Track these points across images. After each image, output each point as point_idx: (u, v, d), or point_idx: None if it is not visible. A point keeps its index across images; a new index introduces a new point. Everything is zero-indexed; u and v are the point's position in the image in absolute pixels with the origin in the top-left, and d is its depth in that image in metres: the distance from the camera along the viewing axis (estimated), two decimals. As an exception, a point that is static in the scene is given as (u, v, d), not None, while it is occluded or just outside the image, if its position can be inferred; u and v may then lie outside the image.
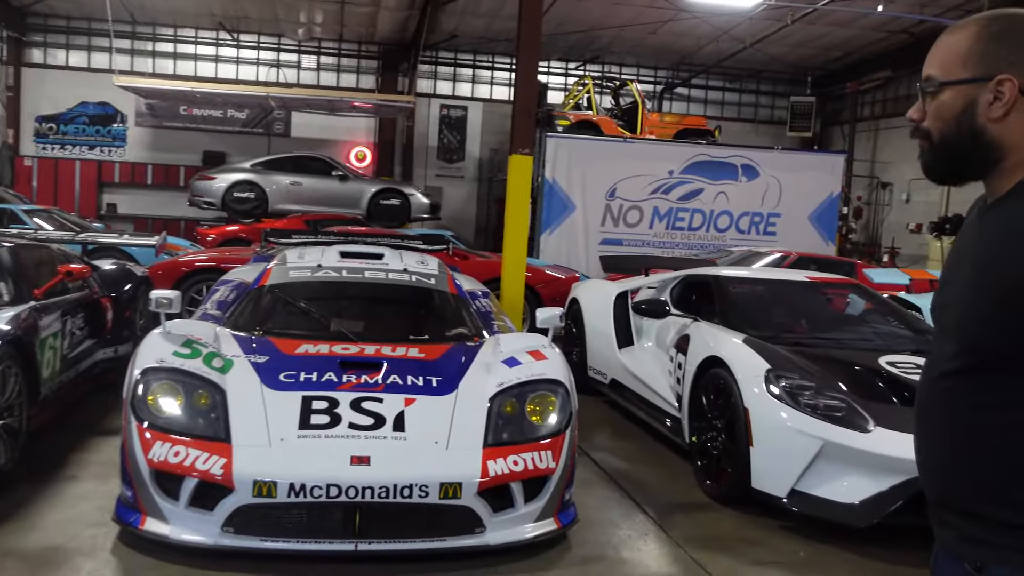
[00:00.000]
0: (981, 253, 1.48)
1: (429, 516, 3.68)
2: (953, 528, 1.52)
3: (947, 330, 1.55)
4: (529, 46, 8.30)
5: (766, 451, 4.39)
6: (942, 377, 1.53)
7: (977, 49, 1.49)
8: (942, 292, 1.62)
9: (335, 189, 15.95)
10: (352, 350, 4.40)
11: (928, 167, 1.60)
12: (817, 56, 21.30)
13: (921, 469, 1.64)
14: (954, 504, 1.52)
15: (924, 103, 1.56)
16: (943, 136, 1.53)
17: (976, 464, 1.48)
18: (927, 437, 1.60)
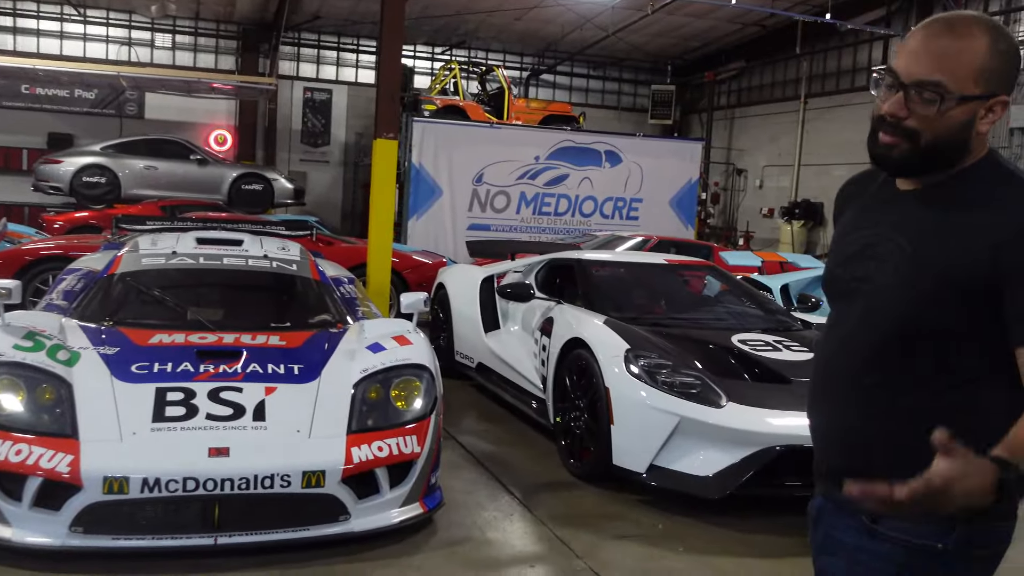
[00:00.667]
0: (921, 233, 1.58)
1: (292, 506, 3.61)
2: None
3: (876, 302, 1.62)
4: (392, 29, 8.21)
5: (626, 429, 4.53)
6: (862, 347, 1.63)
7: (990, 67, 1.53)
8: (852, 267, 1.68)
9: (193, 174, 15.37)
10: (210, 339, 4.26)
11: (900, 164, 1.62)
12: (676, 46, 21.98)
13: (821, 434, 1.74)
14: (861, 466, 1.60)
15: (910, 102, 1.56)
16: (937, 142, 1.56)
17: (892, 430, 1.61)
18: (837, 404, 1.68)
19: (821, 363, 1.79)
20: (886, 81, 1.60)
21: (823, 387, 1.75)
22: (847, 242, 1.73)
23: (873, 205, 1.72)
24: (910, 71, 1.55)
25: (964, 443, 1.53)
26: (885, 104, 1.58)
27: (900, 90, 1.56)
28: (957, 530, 1.57)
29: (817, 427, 1.77)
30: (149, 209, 13.06)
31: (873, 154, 1.65)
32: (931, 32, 1.56)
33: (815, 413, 1.78)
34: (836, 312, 1.76)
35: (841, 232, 1.79)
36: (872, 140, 1.64)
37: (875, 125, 1.62)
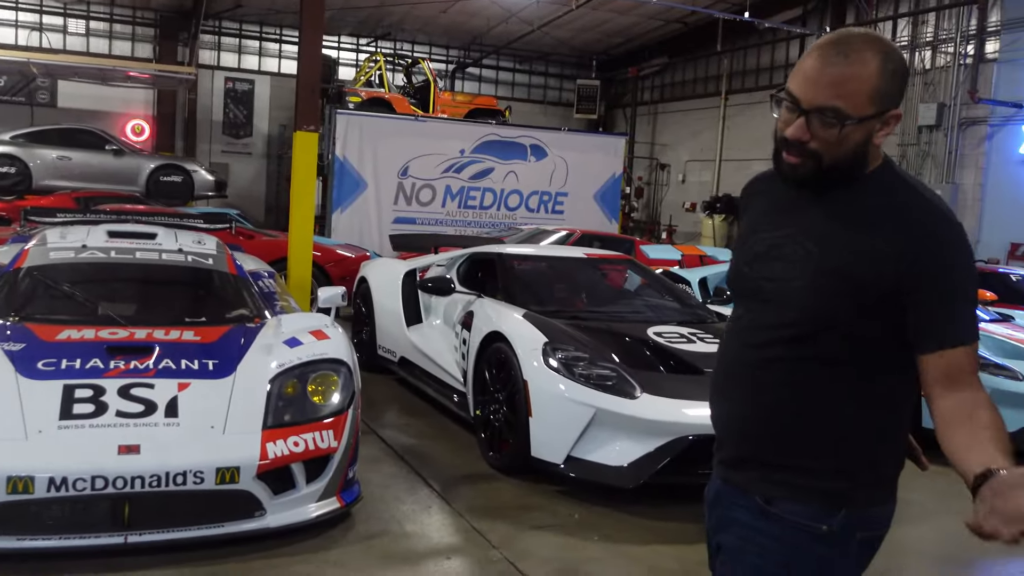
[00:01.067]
0: (826, 238, 1.67)
1: (206, 503, 3.58)
2: (754, 471, 1.76)
3: (782, 300, 1.71)
4: (312, 19, 8.11)
5: (544, 421, 4.59)
6: (771, 343, 1.72)
7: (882, 88, 1.62)
8: (759, 266, 1.77)
9: (109, 164, 14.90)
10: (121, 335, 4.18)
11: (805, 179, 1.70)
12: (601, 41, 22.19)
13: (722, 422, 1.85)
14: (759, 453, 1.76)
15: (811, 126, 1.64)
16: (837, 161, 1.65)
17: (787, 419, 1.72)
18: (738, 395, 1.79)
19: (725, 356, 1.88)
20: (786, 103, 1.67)
21: (725, 378, 1.85)
22: (754, 241, 1.81)
23: (780, 207, 1.79)
24: (809, 97, 1.62)
25: (854, 433, 1.69)
26: (788, 128, 1.66)
27: (801, 115, 1.64)
28: (841, 513, 1.69)
29: (719, 416, 1.87)
30: (62, 201, 12.64)
31: (779, 172, 1.74)
32: (825, 58, 1.62)
33: (717, 402, 1.87)
34: (741, 308, 1.85)
35: (748, 231, 1.87)
36: (777, 159, 1.73)
37: (779, 145, 1.71)
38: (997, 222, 14.63)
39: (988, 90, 14.86)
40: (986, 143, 15.01)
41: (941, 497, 5.24)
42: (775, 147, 1.73)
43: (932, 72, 15.84)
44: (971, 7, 14.96)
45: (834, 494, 1.70)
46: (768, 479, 1.74)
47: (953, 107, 15.23)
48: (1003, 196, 14.63)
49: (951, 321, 1.62)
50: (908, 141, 16.12)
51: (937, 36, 15.83)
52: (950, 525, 4.76)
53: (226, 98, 20.98)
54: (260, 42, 21.44)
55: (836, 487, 1.70)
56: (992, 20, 14.95)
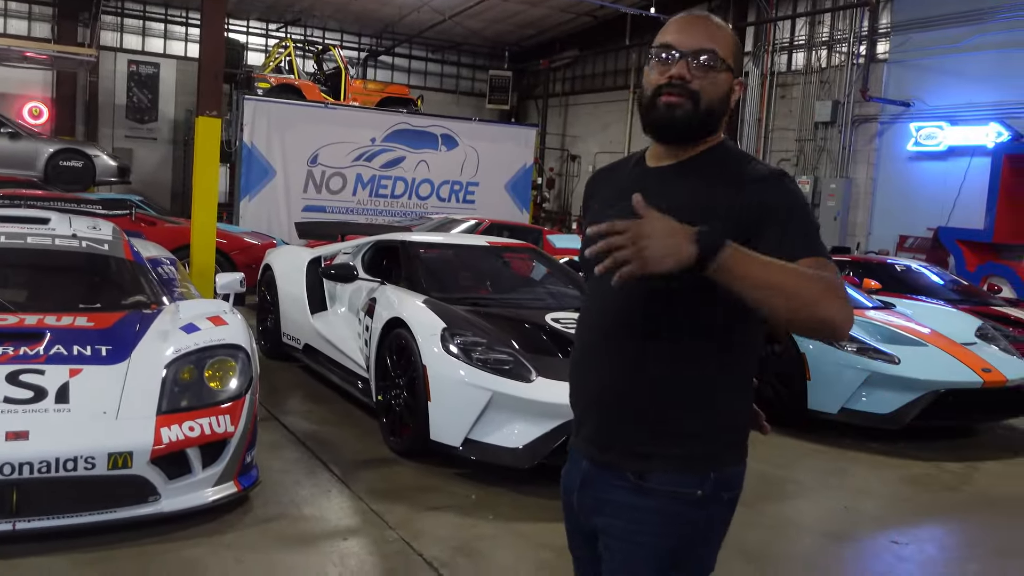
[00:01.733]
0: (674, 199, 1.71)
1: (98, 488, 3.57)
2: (622, 446, 1.79)
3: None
4: (214, 1, 8.01)
5: (442, 405, 4.69)
6: (625, 312, 1.77)
7: (737, 50, 1.84)
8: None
9: (4, 148, 14.32)
10: (10, 320, 4.12)
11: (680, 123, 1.78)
12: (513, 32, 22.34)
13: (585, 400, 1.88)
14: (630, 424, 1.79)
15: (691, 68, 1.76)
16: (711, 104, 1.78)
17: (657, 384, 1.76)
18: (599, 368, 1.82)
19: (582, 333, 1.91)
20: (658, 56, 1.80)
21: (583, 355, 1.89)
22: (602, 220, 1.81)
23: (626, 185, 1.81)
24: (688, 42, 1.78)
25: (716, 393, 1.78)
26: (672, 68, 1.77)
27: (681, 57, 1.77)
28: (711, 476, 1.77)
29: (580, 393, 1.90)
30: (-48, 185, 12.16)
31: (653, 120, 1.81)
32: (695, 18, 1.83)
33: (578, 380, 1.91)
34: (593, 286, 1.88)
35: (595, 214, 1.91)
36: (651, 108, 1.81)
37: (655, 93, 1.80)
38: (887, 215, 15.34)
39: (879, 89, 15.56)
40: (877, 140, 15.71)
41: (821, 475, 5.56)
42: (648, 99, 1.81)
43: (828, 71, 16.48)
44: (863, 9, 15.61)
45: (702, 457, 1.76)
46: (638, 453, 1.78)
47: (847, 105, 15.89)
48: (892, 191, 15.34)
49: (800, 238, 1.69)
50: (805, 136, 16.75)
51: (832, 36, 16.48)
52: (829, 501, 5.06)
53: (130, 81, 20.41)
54: (165, 24, 20.91)
55: (703, 451, 1.77)
56: (883, 22, 15.64)
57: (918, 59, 14.88)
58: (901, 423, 6.11)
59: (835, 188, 15.89)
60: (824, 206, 16.03)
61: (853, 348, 6.21)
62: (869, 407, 6.14)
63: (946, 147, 14.44)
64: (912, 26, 14.91)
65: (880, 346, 6.32)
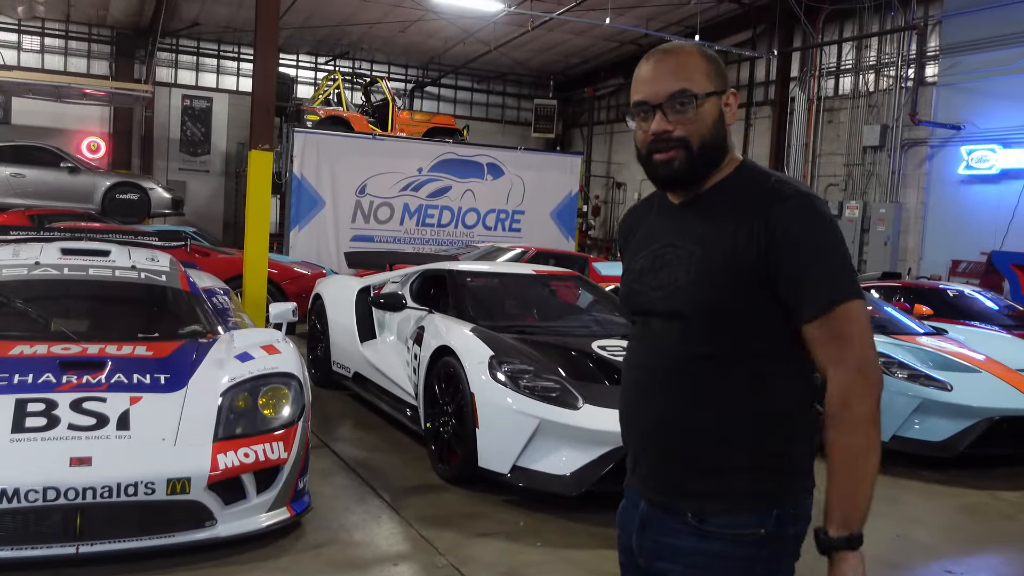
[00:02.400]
0: (704, 236, 1.72)
1: (157, 513, 3.67)
2: (680, 486, 1.74)
3: (674, 304, 1.74)
4: (266, 37, 8.23)
5: (490, 432, 4.74)
6: (675, 350, 1.74)
7: (712, 68, 1.76)
8: (647, 279, 1.80)
9: (64, 182, 14.82)
10: (73, 350, 4.26)
11: (682, 174, 1.75)
12: (558, 61, 22.52)
13: (642, 438, 1.82)
14: (687, 464, 1.74)
15: (669, 118, 1.71)
16: (704, 142, 1.72)
17: (712, 422, 1.71)
18: (656, 407, 1.77)
19: (632, 371, 1.86)
20: (638, 115, 1.76)
21: (635, 394, 1.84)
22: (637, 260, 1.86)
23: (655, 223, 1.87)
24: (656, 92, 1.72)
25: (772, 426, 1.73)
26: (651, 126, 1.73)
27: (654, 110, 1.73)
28: (774, 513, 1.71)
29: (634, 433, 1.85)
30: (16, 218, 12.57)
31: (656, 176, 1.79)
32: (654, 61, 1.76)
33: (631, 420, 1.86)
34: (639, 325, 1.86)
35: (631, 255, 1.92)
36: (650, 166, 1.78)
37: (647, 152, 1.77)
38: (938, 240, 15.11)
39: (928, 112, 15.40)
40: (927, 163, 15.51)
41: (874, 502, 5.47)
42: (643, 158, 1.78)
43: (876, 95, 16.35)
44: (911, 32, 15.49)
45: (763, 494, 1.71)
46: (696, 493, 1.73)
47: (895, 129, 15.73)
48: (944, 215, 15.12)
49: (827, 282, 1.65)
50: (853, 161, 16.60)
51: (880, 60, 16.36)
52: (881, 529, 4.98)
53: (183, 116, 20.96)
54: (218, 60, 21.46)
55: (765, 487, 1.71)
56: (931, 45, 15.50)
57: (968, 82, 14.70)
58: (955, 451, 6.01)
59: (885, 213, 15.71)
60: (874, 231, 15.85)
61: (904, 375, 6.13)
62: (921, 435, 6.05)
63: (998, 170, 14.21)
64: (961, 49, 14.76)
65: (932, 373, 6.23)
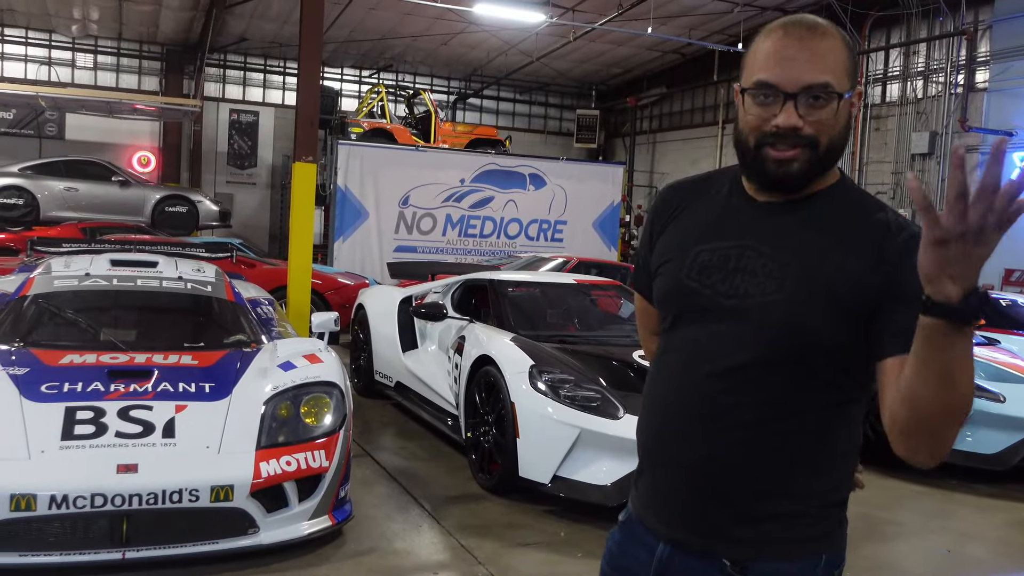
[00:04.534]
0: (803, 249, 1.50)
1: (201, 520, 3.72)
2: (720, 529, 1.53)
3: (753, 318, 1.50)
4: (310, 55, 8.35)
5: (531, 441, 4.73)
6: (739, 369, 1.50)
7: (853, 63, 1.53)
8: (712, 279, 1.56)
9: (115, 195, 15.15)
10: (121, 359, 4.34)
11: (800, 177, 1.51)
12: (600, 71, 22.51)
13: (677, 472, 1.57)
14: (734, 503, 1.52)
15: (799, 109, 1.47)
16: (833, 144, 1.50)
17: (774, 457, 1.50)
18: (704, 436, 1.53)
19: (667, 392, 1.61)
20: (756, 96, 1.50)
21: (676, 419, 1.58)
22: (697, 253, 1.59)
23: (726, 214, 1.61)
24: (792, 79, 1.47)
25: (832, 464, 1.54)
26: (779, 118, 1.48)
27: (786, 100, 1.47)
28: (823, 559, 1.55)
29: (664, 466, 1.60)
30: (68, 231, 12.87)
31: (763, 172, 1.53)
32: (796, 36, 1.49)
33: (666, 447, 1.60)
34: (685, 331, 1.60)
35: (677, 244, 1.65)
36: (756, 160, 1.53)
37: (759, 142, 1.51)
38: (991, 248, 14.76)
39: (979, 119, 15.09)
40: (978, 171, 15.19)
41: (923, 516, 5.37)
42: (751, 148, 1.53)
43: (924, 101, 16.08)
44: (961, 38, 15.21)
45: (817, 539, 1.54)
46: (737, 537, 1.52)
47: (945, 135, 15.44)
48: (997, 222, 14.77)
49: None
50: (902, 169, 16.33)
51: (928, 66, 16.08)
52: (931, 544, 4.88)
53: (231, 129, 21.32)
54: (264, 74, 21.80)
55: (815, 531, 1.54)
56: (981, 51, 15.21)
57: (1020, 87, 14.39)
58: (1008, 464, 5.86)
59: (934, 221, 15.39)
60: (923, 239, 15.54)
61: (955, 386, 5.99)
62: (974, 447, 5.92)
63: (1053, 176, 13.86)
64: (1012, 54, 14.44)
65: (984, 384, 6.09)
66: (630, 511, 1.72)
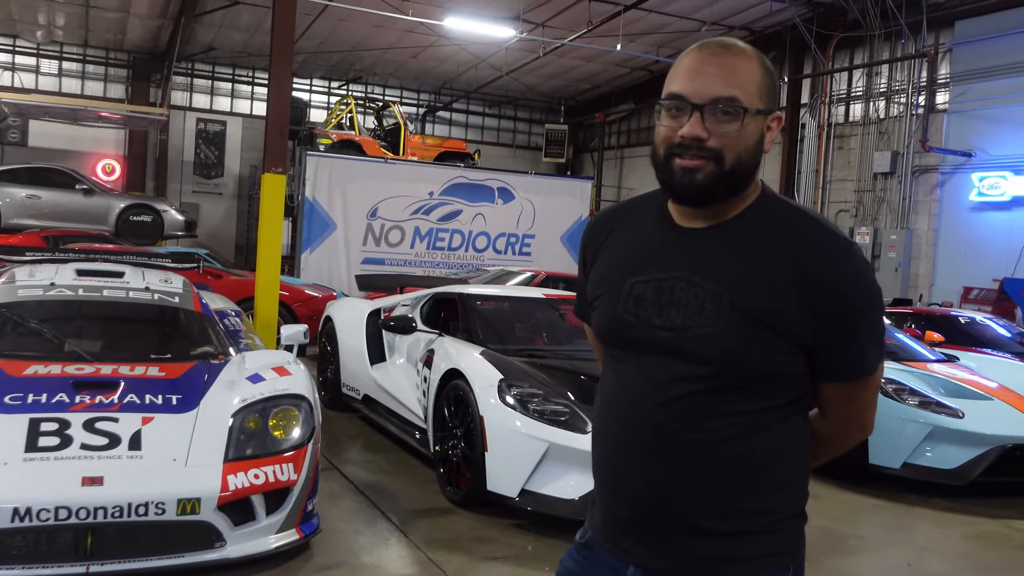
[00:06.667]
0: (731, 278, 1.50)
1: (167, 533, 3.68)
2: (683, 552, 1.54)
3: (690, 350, 1.51)
4: (281, 65, 8.34)
5: (499, 455, 4.74)
6: (684, 398, 1.52)
7: (768, 83, 1.54)
8: (647, 313, 1.56)
9: (79, 204, 14.95)
10: (87, 370, 4.30)
11: (704, 189, 1.51)
12: (569, 87, 22.66)
13: (633, 499, 1.58)
14: (694, 525, 1.53)
15: (707, 124, 1.49)
16: (740, 160, 1.51)
17: (726, 478, 1.52)
18: (656, 463, 1.54)
19: (617, 423, 1.61)
20: (669, 109, 1.53)
21: (627, 447, 1.58)
22: (631, 285, 1.60)
23: (656, 244, 1.61)
24: (700, 91, 1.49)
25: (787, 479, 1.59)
26: (683, 128, 1.50)
27: (693, 111, 1.50)
28: (791, 571, 1.58)
29: (623, 488, 1.60)
30: (31, 239, 12.67)
31: (671, 184, 1.54)
32: (708, 52, 1.53)
33: (619, 472, 1.60)
34: (625, 363, 1.61)
35: (613, 274, 1.65)
36: (666, 170, 1.55)
37: (668, 153, 1.54)
38: (950, 267, 15.07)
39: (939, 139, 15.40)
40: (938, 190, 15.50)
41: (884, 530, 5.45)
42: (662, 159, 1.55)
43: (886, 121, 16.38)
44: (922, 60, 15.54)
45: (783, 552, 1.57)
46: (708, 558, 1.54)
47: (906, 155, 15.74)
48: (955, 241, 15.09)
49: (857, 350, 1.52)
50: (864, 188, 16.61)
51: (891, 87, 16.39)
52: (892, 558, 4.96)
53: (197, 138, 21.15)
54: (232, 84, 21.68)
55: (784, 545, 1.57)
56: (942, 73, 15.54)
57: (979, 109, 14.72)
58: (966, 479, 5.97)
59: (896, 239, 15.69)
60: (885, 257, 15.82)
61: (916, 402, 6.11)
62: (933, 462, 6.02)
63: (1010, 197, 14.19)
64: (972, 76, 14.78)
65: (943, 400, 6.21)
66: (588, 533, 1.71)
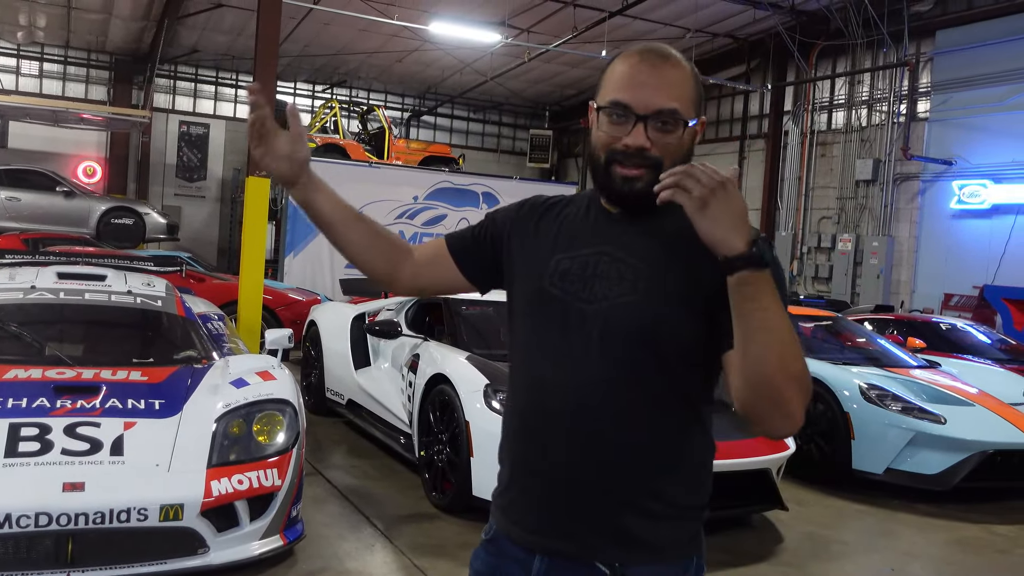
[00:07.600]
0: (651, 252, 1.57)
1: (149, 539, 3.64)
2: (597, 532, 1.55)
3: (610, 320, 1.55)
4: (265, 66, 8.30)
5: (484, 460, 4.72)
6: (600, 371, 1.54)
7: (699, 92, 1.59)
8: (572, 286, 1.59)
9: (59, 206, 14.83)
10: (68, 375, 4.25)
11: (643, 195, 1.54)
12: (553, 92, 22.70)
13: (544, 477, 1.59)
14: (607, 503, 1.55)
15: (650, 135, 1.54)
16: (675, 165, 1.50)
17: (642, 455, 1.54)
18: (570, 439, 1.56)
19: (532, 397, 1.63)
20: (610, 115, 1.56)
21: (540, 422, 1.60)
22: (556, 261, 1.64)
23: (578, 228, 1.67)
24: (644, 102, 1.53)
25: (699, 460, 1.61)
26: (627, 137, 1.54)
27: (637, 122, 1.54)
28: (694, 561, 1.60)
29: (535, 471, 1.60)
30: (10, 242, 12.55)
31: (611, 188, 1.60)
32: (649, 62, 1.56)
33: (530, 455, 1.61)
34: (543, 332, 1.62)
35: (541, 250, 1.68)
36: (605, 176, 1.59)
37: (609, 159, 1.57)
38: (931, 274, 15.19)
39: (920, 147, 15.54)
40: (919, 198, 15.63)
41: (867, 535, 5.47)
42: (602, 164, 1.59)
43: (868, 129, 16.51)
44: (903, 69, 15.67)
45: (687, 541, 1.59)
46: (617, 538, 1.54)
47: (888, 163, 15.87)
48: (936, 249, 15.21)
49: None
50: (846, 195, 16.72)
51: (872, 96, 16.53)
52: (876, 563, 4.97)
53: (180, 141, 21.04)
54: (216, 87, 21.57)
55: (691, 531, 1.60)
56: (923, 82, 15.68)
57: (960, 118, 14.86)
58: (948, 484, 6.01)
59: (877, 246, 15.81)
60: (867, 264, 15.93)
61: (898, 408, 6.15)
62: (915, 467, 6.05)
63: (990, 205, 14.33)
64: (953, 85, 14.93)
65: (926, 406, 6.24)
66: (493, 528, 1.70)
